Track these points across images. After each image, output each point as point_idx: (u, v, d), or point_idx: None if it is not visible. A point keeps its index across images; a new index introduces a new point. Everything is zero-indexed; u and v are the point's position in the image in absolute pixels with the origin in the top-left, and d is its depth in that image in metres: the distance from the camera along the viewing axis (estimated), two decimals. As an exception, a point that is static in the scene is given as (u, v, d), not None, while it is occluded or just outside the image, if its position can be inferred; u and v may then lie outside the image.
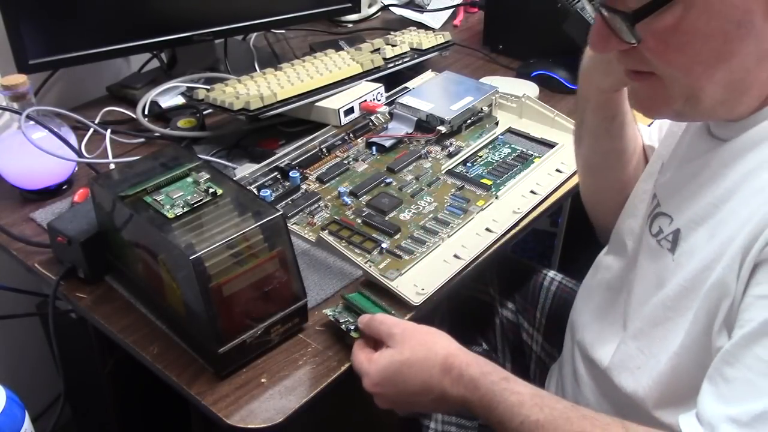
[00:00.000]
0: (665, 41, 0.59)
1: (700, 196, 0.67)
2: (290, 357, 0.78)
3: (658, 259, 0.71)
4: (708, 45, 0.59)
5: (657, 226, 0.73)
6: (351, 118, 1.15)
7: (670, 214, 0.71)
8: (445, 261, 0.90)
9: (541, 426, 0.62)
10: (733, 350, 0.58)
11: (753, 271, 0.59)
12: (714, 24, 0.57)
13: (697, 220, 0.67)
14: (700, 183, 0.67)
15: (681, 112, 0.65)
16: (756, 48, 0.58)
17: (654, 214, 0.74)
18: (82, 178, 1.06)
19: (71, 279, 0.87)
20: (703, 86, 0.61)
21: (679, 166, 0.74)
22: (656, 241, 0.73)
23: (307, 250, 0.92)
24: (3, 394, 0.65)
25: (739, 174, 0.63)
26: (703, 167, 0.68)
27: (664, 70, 0.62)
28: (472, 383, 0.67)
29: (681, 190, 0.70)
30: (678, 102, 0.64)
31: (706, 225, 0.65)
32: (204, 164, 0.83)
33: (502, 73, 1.37)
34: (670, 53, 0.60)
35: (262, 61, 1.39)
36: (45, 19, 1.10)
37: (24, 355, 1.33)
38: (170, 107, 1.22)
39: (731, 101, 0.63)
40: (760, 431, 0.54)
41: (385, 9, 1.70)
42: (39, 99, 1.16)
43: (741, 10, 0.57)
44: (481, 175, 1.06)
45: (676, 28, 0.58)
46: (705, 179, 0.67)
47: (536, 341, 1.07)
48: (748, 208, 0.61)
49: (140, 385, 1.02)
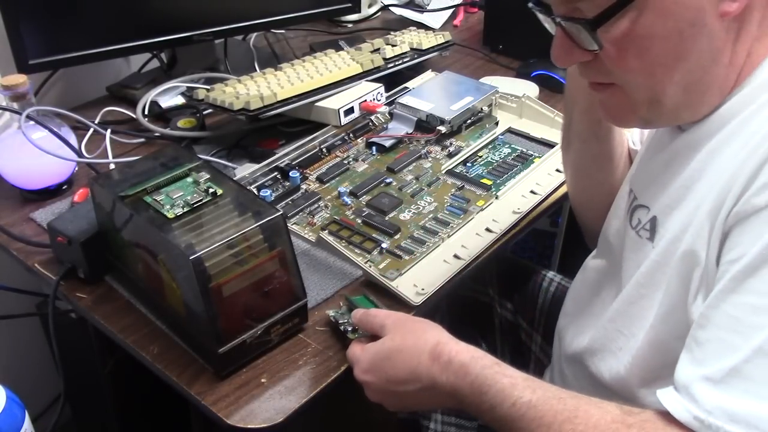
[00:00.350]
0: (624, 47, 0.61)
1: (672, 182, 0.68)
2: (290, 357, 0.78)
3: (639, 250, 0.72)
4: (665, 46, 0.60)
5: (636, 218, 0.74)
6: (351, 118, 1.15)
7: (646, 205, 0.73)
8: (445, 261, 0.90)
9: (533, 406, 0.61)
10: (705, 312, 0.59)
11: (724, 240, 0.59)
12: (669, 25, 0.59)
13: (671, 204, 0.68)
14: (672, 171, 0.69)
15: (647, 118, 0.67)
16: (709, 46, 0.60)
17: (632, 207, 0.76)
18: (82, 178, 1.06)
19: (71, 279, 0.87)
20: (663, 88, 0.63)
21: (650, 158, 0.76)
22: (636, 232, 0.74)
23: (307, 250, 0.92)
24: (3, 394, 0.65)
25: (705, 153, 0.65)
26: (672, 156, 0.70)
27: (624, 77, 0.64)
28: (462, 369, 0.67)
29: (654, 180, 0.72)
30: (642, 108, 0.65)
31: (680, 207, 0.67)
32: (204, 164, 0.83)
33: (502, 73, 1.37)
34: (629, 58, 0.62)
35: (262, 61, 1.39)
36: (45, 19, 1.10)
37: (24, 355, 1.33)
38: (170, 107, 1.22)
39: (693, 102, 0.64)
40: (735, 386, 0.54)
41: (385, 9, 1.70)
42: (39, 99, 1.16)
43: (693, 10, 0.58)
44: (481, 175, 1.06)
45: (633, 32, 0.60)
46: (675, 166, 0.69)
47: (535, 342, 1.07)
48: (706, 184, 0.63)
49: (140, 385, 1.02)
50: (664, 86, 0.63)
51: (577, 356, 0.82)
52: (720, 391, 0.55)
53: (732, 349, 0.55)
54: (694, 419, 0.55)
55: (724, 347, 0.56)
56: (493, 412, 0.64)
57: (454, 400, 0.68)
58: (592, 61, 0.64)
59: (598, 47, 0.62)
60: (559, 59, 0.66)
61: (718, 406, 0.54)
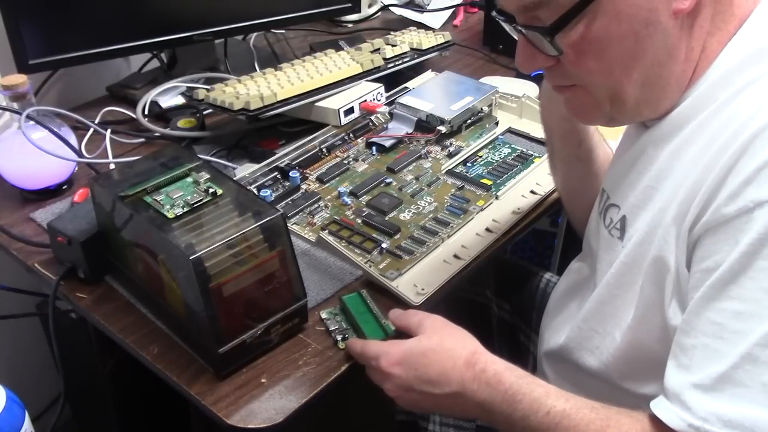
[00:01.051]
0: (582, 50, 0.63)
1: (639, 181, 0.70)
2: (290, 357, 0.78)
3: (611, 249, 0.74)
4: (621, 47, 0.62)
5: (609, 217, 0.76)
6: (351, 118, 1.15)
7: (617, 204, 0.74)
8: (445, 261, 0.90)
9: (567, 415, 0.63)
10: (687, 319, 0.60)
11: (694, 247, 0.61)
12: (624, 27, 0.61)
13: (639, 204, 0.70)
14: (638, 170, 0.70)
15: (611, 116, 0.69)
16: (664, 43, 0.62)
17: (605, 206, 0.77)
18: (82, 178, 1.06)
19: (71, 279, 0.87)
20: (623, 86, 0.65)
21: (619, 157, 0.78)
22: (608, 231, 0.75)
23: (307, 250, 0.92)
24: (3, 394, 0.65)
25: (668, 153, 0.67)
26: (638, 153, 0.71)
27: (585, 78, 0.66)
28: (496, 377, 0.68)
29: (623, 178, 0.73)
30: (605, 105, 0.67)
31: (647, 208, 0.68)
32: (204, 164, 0.83)
33: (502, 73, 1.37)
34: (588, 61, 0.64)
35: (262, 61, 1.39)
36: (45, 19, 1.10)
37: (24, 355, 1.33)
38: (170, 107, 1.22)
39: (653, 99, 0.66)
40: (726, 392, 0.55)
41: (385, 9, 1.70)
42: (39, 99, 1.16)
43: (646, 10, 0.60)
44: (481, 175, 1.06)
45: (590, 35, 0.62)
46: (642, 165, 0.70)
47: (533, 343, 1.07)
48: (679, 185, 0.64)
49: (140, 385, 1.02)
50: (623, 85, 0.65)
51: (554, 353, 0.83)
52: (712, 397, 0.56)
53: (719, 356, 0.56)
54: (689, 427, 0.56)
55: (711, 354, 0.57)
56: (526, 421, 0.65)
57: (479, 410, 0.69)
58: (554, 65, 0.67)
59: (558, 53, 0.64)
60: (522, 65, 0.68)
61: (712, 412, 0.55)
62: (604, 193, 0.79)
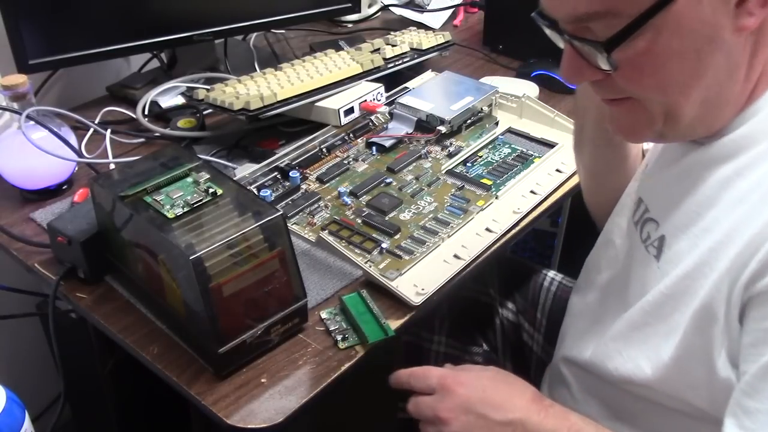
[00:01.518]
0: (639, 67, 0.59)
1: (683, 202, 0.67)
2: (290, 357, 0.78)
3: (645, 266, 0.72)
4: (682, 64, 0.59)
5: (646, 232, 0.73)
6: (351, 118, 1.15)
7: (656, 220, 0.72)
8: (445, 261, 0.90)
9: None
10: (751, 382, 0.58)
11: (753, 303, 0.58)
12: (687, 43, 0.58)
13: (680, 227, 0.67)
14: (682, 189, 0.67)
15: (662, 132, 0.65)
16: (727, 61, 0.59)
17: (643, 219, 0.74)
18: (82, 178, 1.06)
19: (71, 279, 0.87)
20: (681, 105, 0.61)
21: (661, 169, 0.74)
22: (645, 247, 0.73)
23: (307, 250, 0.92)
24: (3, 394, 0.65)
25: (718, 181, 0.64)
26: (684, 173, 0.68)
27: (639, 94, 0.62)
28: (563, 412, 0.70)
29: (665, 195, 0.71)
30: (658, 122, 0.64)
31: (689, 233, 0.65)
32: (204, 164, 0.83)
33: (502, 73, 1.37)
34: (644, 78, 0.60)
35: (262, 61, 1.39)
36: (45, 19, 1.10)
37: (24, 355, 1.33)
38: (170, 107, 1.22)
39: (709, 118, 0.63)
40: None
41: (385, 9, 1.70)
42: (39, 99, 1.16)
43: (710, 26, 0.57)
44: (481, 175, 1.06)
45: (650, 51, 0.58)
46: (687, 185, 0.67)
47: (537, 342, 1.07)
48: (729, 220, 0.61)
49: (140, 385, 1.02)
50: (680, 103, 0.61)
51: (576, 362, 0.82)
52: None
53: None
54: None
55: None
56: None
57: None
58: (604, 79, 0.62)
59: (613, 69, 0.60)
60: (569, 77, 0.64)
61: None
62: (642, 203, 0.75)
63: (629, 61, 0.59)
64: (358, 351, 0.79)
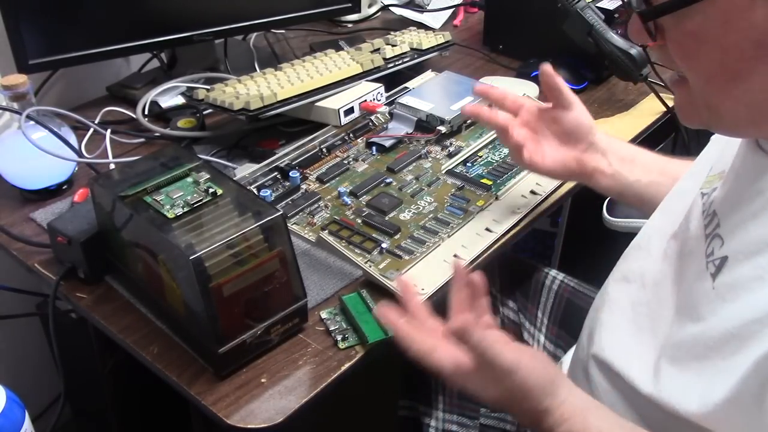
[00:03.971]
0: (685, 46, 0.59)
1: (753, 225, 0.62)
2: (290, 357, 0.78)
3: (700, 282, 0.67)
4: (723, 59, 0.57)
5: (712, 247, 0.68)
6: (351, 118, 1.15)
7: (723, 237, 0.67)
8: (445, 261, 0.90)
9: None
10: None
11: None
12: (731, 38, 0.56)
13: (746, 252, 0.62)
14: (755, 210, 0.63)
15: (709, 124, 0.63)
16: None
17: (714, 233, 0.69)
18: (82, 178, 1.06)
19: (71, 279, 0.87)
20: (721, 100, 0.60)
21: (735, 180, 0.69)
22: (706, 261, 0.67)
23: (307, 250, 0.92)
24: (3, 394, 0.65)
25: None
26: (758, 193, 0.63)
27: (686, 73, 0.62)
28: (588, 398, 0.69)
29: (737, 210, 0.66)
30: (703, 113, 0.62)
31: (755, 262, 0.61)
32: (204, 164, 0.83)
33: (502, 73, 1.37)
34: (688, 59, 0.60)
35: (262, 61, 1.39)
36: (45, 19, 1.10)
37: (24, 355, 1.33)
38: (170, 107, 1.22)
39: (758, 121, 0.60)
40: None
41: (385, 9, 1.70)
42: (39, 99, 1.16)
43: (761, 30, 0.55)
44: (481, 175, 1.06)
45: (695, 35, 0.57)
46: (759, 207, 0.62)
47: (537, 340, 1.07)
48: None
49: (140, 385, 1.02)
50: (721, 98, 0.60)
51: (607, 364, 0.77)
52: None
53: None
54: None
55: None
56: None
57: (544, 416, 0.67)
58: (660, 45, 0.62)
59: (651, 38, 0.60)
60: (632, 34, 0.64)
61: None
62: (716, 216, 0.69)
63: (677, 39, 0.59)
64: (358, 351, 0.79)
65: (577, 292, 1.05)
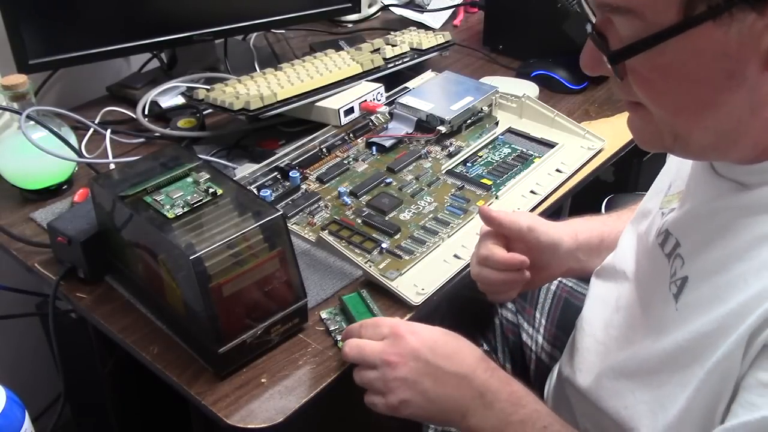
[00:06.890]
0: (651, 81, 0.57)
1: (711, 247, 0.63)
2: (290, 357, 0.78)
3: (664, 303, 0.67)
4: (694, 92, 0.56)
5: (674, 267, 0.68)
6: (351, 118, 1.15)
7: (684, 257, 0.67)
8: (445, 261, 0.90)
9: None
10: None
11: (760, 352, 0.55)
12: (702, 72, 0.55)
13: (704, 273, 0.62)
14: (711, 232, 0.63)
15: (673, 149, 0.63)
16: (749, 98, 0.55)
17: (675, 254, 0.69)
18: (82, 178, 1.06)
19: (71, 279, 0.87)
20: (691, 130, 0.59)
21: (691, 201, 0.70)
22: (669, 283, 0.68)
23: (307, 250, 0.92)
24: (3, 394, 0.65)
25: (751, 237, 0.59)
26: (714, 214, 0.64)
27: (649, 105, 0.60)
28: (506, 378, 0.71)
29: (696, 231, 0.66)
30: (667, 139, 0.61)
31: (713, 282, 0.61)
32: (204, 164, 0.83)
33: (502, 73, 1.37)
34: (655, 94, 0.58)
35: (262, 61, 1.39)
36: (45, 19, 1.10)
37: (24, 355, 1.33)
38: (170, 107, 1.22)
39: (722, 148, 0.60)
40: None
41: (385, 9, 1.70)
42: (39, 99, 1.16)
43: (733, 60, 0.53)
44: (481, 175, 1.06)
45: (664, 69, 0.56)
46: (716, 230, 0.62)
47: (536, 342, 1.07)
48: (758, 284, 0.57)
49: (140, 385, 1.02)
50: (690, 127, 0.58)
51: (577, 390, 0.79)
52: None
53: None
54: None
55: None
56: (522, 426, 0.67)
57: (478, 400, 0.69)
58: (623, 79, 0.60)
59: (619, 78, 0.58)
60: (585, 67, 0.62)
61: None
62: (671, 236, 0.70)
63: (642, 73, 0.57)
64: (358, 351, 0.79)
65: (575, 293, 1.05)
